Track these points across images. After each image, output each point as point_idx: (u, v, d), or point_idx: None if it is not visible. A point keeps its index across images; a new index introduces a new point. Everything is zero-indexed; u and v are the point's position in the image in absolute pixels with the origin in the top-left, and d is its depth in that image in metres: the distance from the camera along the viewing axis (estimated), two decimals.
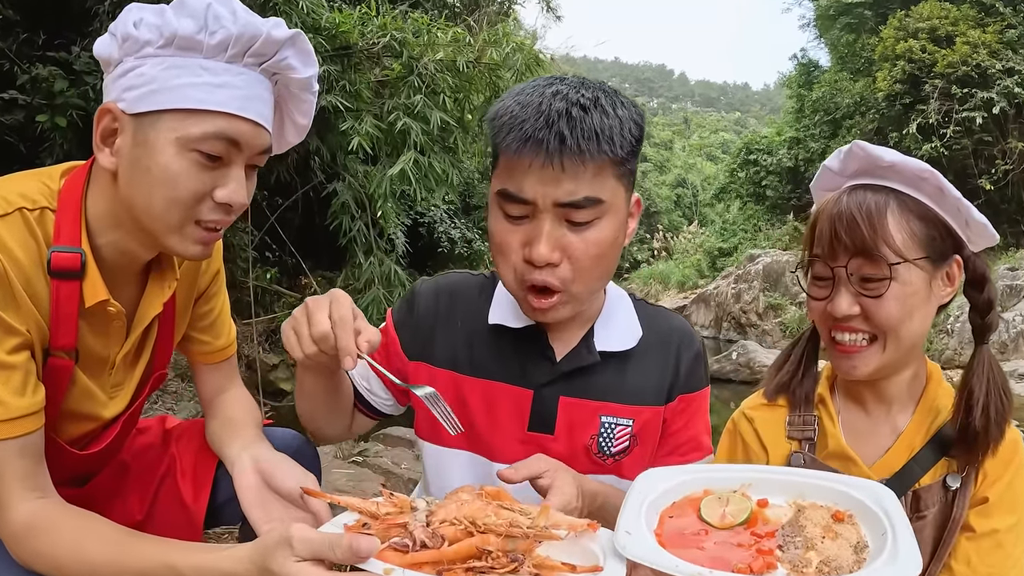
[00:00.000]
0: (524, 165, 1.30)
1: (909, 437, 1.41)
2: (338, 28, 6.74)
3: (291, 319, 1.27)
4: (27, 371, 1.22)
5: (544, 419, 1.53)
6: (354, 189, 7.38)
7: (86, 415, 1.42)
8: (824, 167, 1.46)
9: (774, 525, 1.12)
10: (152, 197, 1.22)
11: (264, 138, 1.29)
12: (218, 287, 1.65)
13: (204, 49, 1.20)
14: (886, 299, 1.31)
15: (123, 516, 1.56)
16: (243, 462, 1.41)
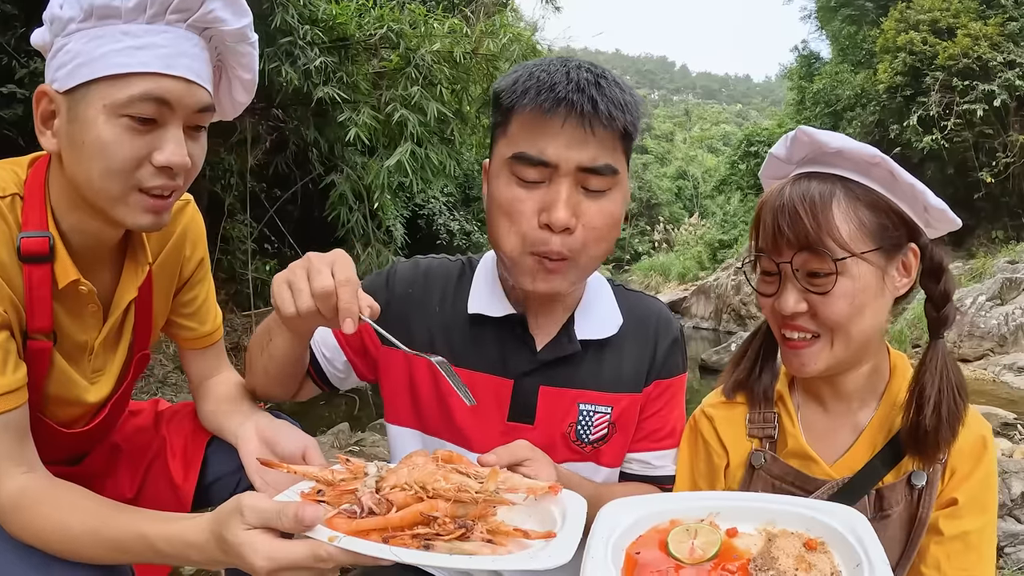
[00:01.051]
0: (554, 126, 1.29)
1: (871, 434, 1.36)
2: (335, 20, 6.75)
3: (287, 272, 1.21)
4: (6, 350, 1.24)
5: (524, 409, 1.51)
6: (352, 180, 7.39)
7: (70, 399, 1.45)
8: (771, 155, 1.40)
9: (745, 557, 1.07)
10: (90, 171, 1.22)
11: (199, 95, 1.26)
12: (202, 275, 1.66)
13: (123, 14, 1.19)
14: (833, 295, 1.24)
15: (114, 494, 1.58)
16: (247, 431, 1.45)
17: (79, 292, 1.35)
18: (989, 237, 16.60)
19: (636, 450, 1.60)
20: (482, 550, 0.99)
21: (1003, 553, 3.80)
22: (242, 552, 1.00)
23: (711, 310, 18.04)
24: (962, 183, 16.87)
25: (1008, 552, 3.79)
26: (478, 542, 1.00)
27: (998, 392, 9.61)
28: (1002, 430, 7.21)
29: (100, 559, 1.20)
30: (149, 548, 1.14)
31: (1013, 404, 8.57)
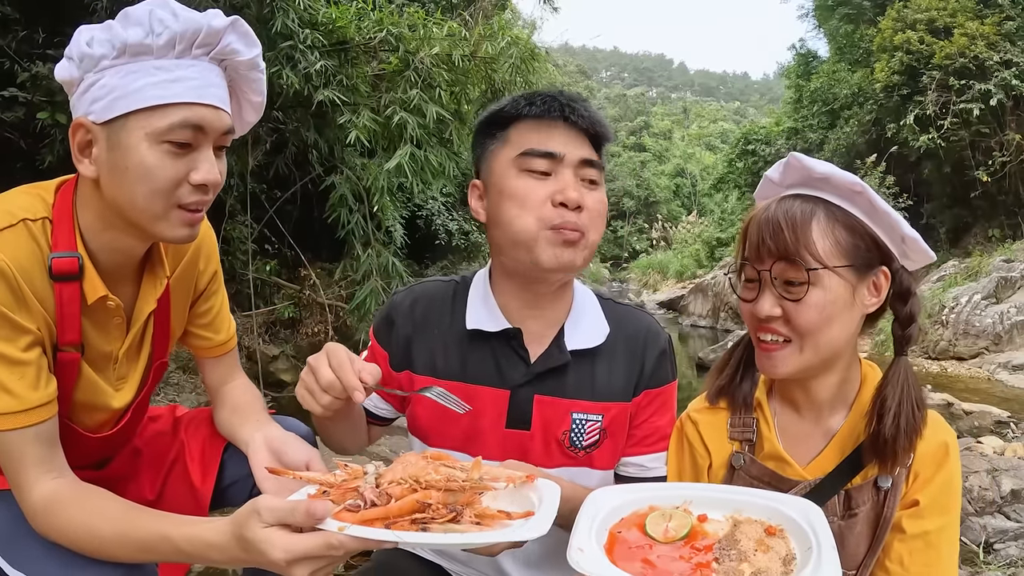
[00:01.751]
0: (557, 126, 1.56)
1: (841, 440, 1.45)
2: (335, 23, 6.80)
3: (300, 382, 1.42)
4: (39, 366, 1.35)
5: (521, 417, 1.63)
6: (352, 182, 7.44)
7: (97, 405, 1.55)
8: (765, 177, 1.50)
9: (712, 539, 1.21)
10: (135, 193, 1.33)
11: (225, 119, 1.40)
12: (216, 287, 1.77)
13: (154, 51, 1.31)
14: (805, 303, 1.34)
15: (136, 497, 1.67)
16: (256, 442, 1.57)
17: (106, 306, 1.46)
18: (985, 236, 16.67)
19: (631, 454, 1.71)
20: (472, 529, 1.14)
21: (992, 549, 3.88)
22: (261, 548, 1.10)
23: (708, 308, 18.11)
24: (959, 182, 16.94)
25: (997, 548, 3.88)
26: (467, 524, 1.14)
27: (992, 390, 9.69)
28: (995, 428, 7.30)
29: (126, 558, 1.30)
30: (173, 548, 1.24)
31: (1007, 402, 8.65)
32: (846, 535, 1.40)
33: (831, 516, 1.37)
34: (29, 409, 1.32)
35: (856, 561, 1.42)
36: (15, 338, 1.30)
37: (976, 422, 7.53)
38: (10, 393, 1.30)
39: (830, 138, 20.39)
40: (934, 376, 10.78)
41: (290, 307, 8.65)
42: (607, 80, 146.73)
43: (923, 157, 16.95)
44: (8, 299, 1.29)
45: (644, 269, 29.17)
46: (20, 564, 1.36)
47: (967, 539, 3.96)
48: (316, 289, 8.60)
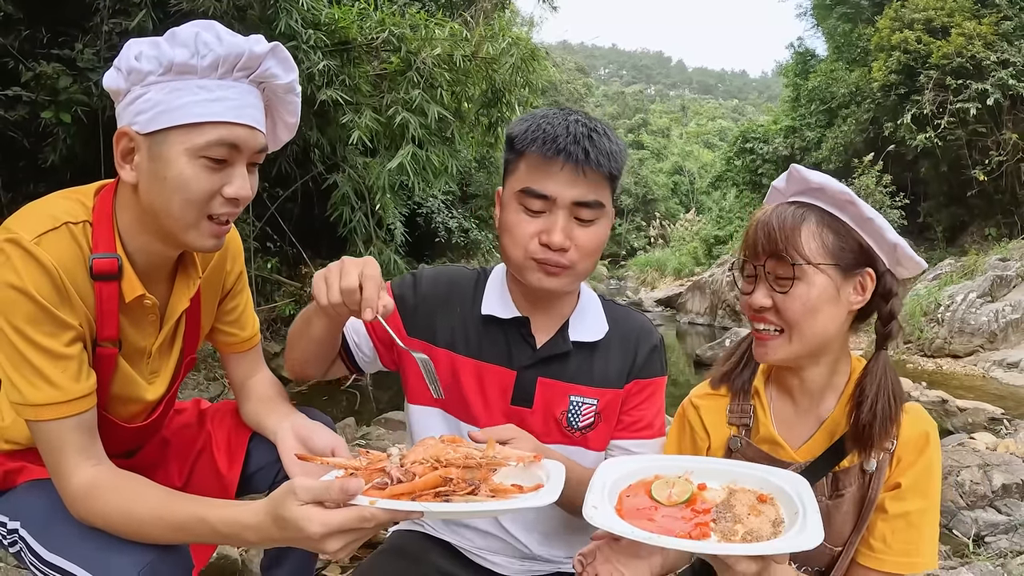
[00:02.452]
0: (554, 169, 1.63)
1: (831, 426, 1.58)
2: (337, 24, 6.85)
3: (325, 270, 1.49)
4: (81, 360, 1.44)
5: (524, 396, 1.79)
6: (354, 181, 7.50)
7: (131, 398, 1.65)
8: (773, 187, 1.64)
9: (710, 504, 1.37)
10: (171, 201, 1.42)
11: (259, 139, 1.48)
12: (241, 286, 1.86)
13: (198, 71, 1.40)
14: (791, 295, 1.49)
15: (164, 483, 1.77)
16: (284, 430, 1.67)
17: (143, 305, 1.55)
18: (982, 234, 16.76)
19: (617, 438, 1.86)
20: (489, 500, 1.26)
21: (983, 542, 3.96)
22: (299, 524, 1.18)
23: (706, 306, 18.18)
24: (956, 180, 17.00)
25: (988, 541, 3.96)
26: (484, 496, 1.27)
27: (987, 388, 9.77)
28: (989, 425, 7.38)
29: (162, 540, 1.38)
30: (209, 529, 1.32)
31: (1001, 399, 8.74)
32: (833, 514, 1.52)
33: (820, 496, 1.48)
34: (71, 400, 1.41)
35: (842, 538, 1.54)
36: (59, 333, 1.39)
37: (970, 419, 7.62)
38: (53, 385, 1.39)
39: (828, 136, 20.46)
40: (929, 373, 10.87)
41: (291, 304, 8.71)
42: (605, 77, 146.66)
43: (920, 156, 17.02)
44: (53, 297, 1.38)
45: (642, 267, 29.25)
46: (57, 548, 1.43)
47: (958, 532, 4.05)
48: None
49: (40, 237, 1.37)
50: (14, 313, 1.36)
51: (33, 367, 1.38)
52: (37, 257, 1.36)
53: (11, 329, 1.36)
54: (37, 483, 1.58)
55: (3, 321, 1.36)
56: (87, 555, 1.39)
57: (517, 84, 7.90)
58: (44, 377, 1.38)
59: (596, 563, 1.45)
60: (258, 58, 1.44)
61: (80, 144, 6.43)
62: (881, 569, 1.51)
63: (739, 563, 1.24)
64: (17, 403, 1.40)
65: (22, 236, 1.36)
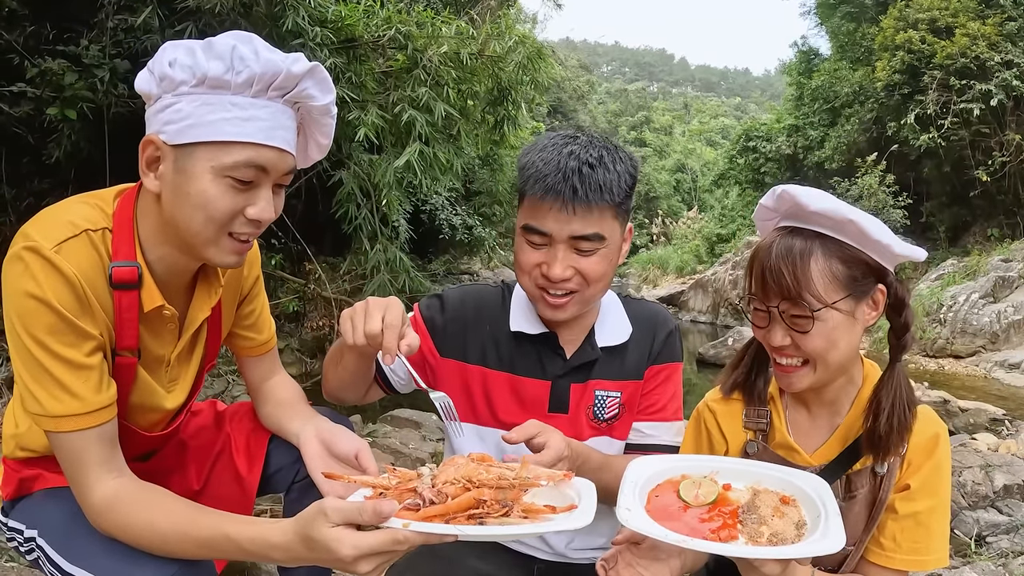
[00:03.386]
0: (546, 208, 1.68)
1: (844, 431, 1.62)
2: (344, 21, 6.85)
3: (351, 311, 1.53)
4: (101, 370, 1.41)
5: (560, 403, 1.88)
6: (359, 178, 7.50)
7: (151, 406, 1.63)
8: (761, 204, 1.63)
9: (735, 505, 1.41)
10: (192, 218, 1.39)
11: (288, 161, 1.45)
12: (258, 290, 1.84)
13: (232, 87, 1.36)
14: (811, 335, 1.49)
15: (182, 486, 1.79)
16: (307, 433, 1.68)
17: (162, 314, 1.52)
18: (984, 235, 16.76)
19: (634, 421, 1.94)
20: (524, 522, 1.25)
21: (984, 542, 3.99)
22: (330, 546, 1.17)
23: (708, 304, 18.19)
24: (958, 181, 17.01)
25: (989, 541, 3.99)
26: (516, 517, 1.26)
27: (989, 388, 9.79)
28: (990, 425, 7.39)
29: (186, 555, 1.36)
30: (234, 547, 1.30)
31: (1003, 400, 8.76)
32: (846, 515, 1.53)
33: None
34: (92, 411, 1.38)
35: (854, 538, 1.57)
36: (80, 343, 1.36)
37: (972, 419, 7.63)
38: (75, 396, 1.36)
39: (831, 136, 20.44)
40: (931, 374, 10.88)
41: (295, 301, 8.72)
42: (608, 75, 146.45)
43: (923, 156, 17.02)
44: (75, 306, 1.35)
45: (644, 264, 29.20)
46: (77, 560, 1.42)
47: (960, 532, 4.08)
48: (321, 283, 8.68)
49: (60, 245, 1.34)
50: (34, 324, 1.32)
51: (53, 378, 1.34)
52: (57, 266, 1.32)
53: (31, 340, 1.33)
54: (54, 491, 1.56)
55: (23, 332, 1.33)
56: (109, 566, 1.38)
57: (523, 82, 7.91)
58: (64, 388, 1.35)
59: (618, 567, 1.48)
60: (295, 78, 1.40)
61: (85, 140, 6.43)
62: (890, 566, 1.55)
63: (765, 565, 1.29)
64: (36, 414, 1.37)
65: (42, 244, 1.32)
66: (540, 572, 1.94)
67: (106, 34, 6.51)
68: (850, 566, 1.59)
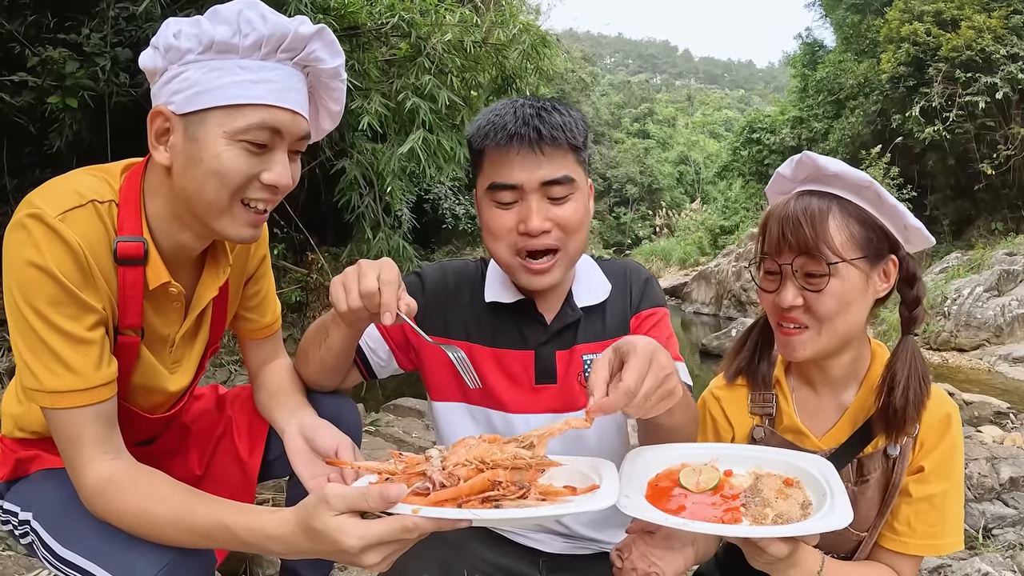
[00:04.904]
0: (512, 156, 1.61)
1: (853, 413, 1.59)
2: (347, 8, 6.82)
3: (342, 276, 1.46)
4: (103, 346, 1.37)
5: (546, 372, 1.79)
6: (362, 166, 7.47)
7: (153, 388, 1.59)
8: (777, 173, 1.61)
9: (738, 489, 1.38)
10: (205, 185, 1.35)
11: (302, 124, 1.42)
12: (264, 269, 1.80)
13: (240, 50, 1.33)
14: (825, 293, 1.46)
15: (183, 470, 1.76)
16: (291, 428, 1.63)
17: (167, 292, 1.48)
18: (988, 228, 16.71)
19: None
20: (542, 504, 1.18)
21: (991, 535, 3.97)
22: (333, 536, 1.09)
23: (711, 296, 18.16)
24: (963, 174, 16.95)
25: (995, 534, 3.96)
26: (534, 500, 1.18)
27: (992, 382, 9.77)
28: (995, 419, 7.36)
29: (182, 543, 1.31)
30: (232, 537, 1.24)
31: (1007, 394, 8.73)
32: (859, 499, 1.53)
33: (845, 482, 1.47)
34: (91, 388, 1.34)
35: (867, 523, 1.55)
36: (81, 316, 1.32)
37: (976, 412, 7.61)
38: (73, 371, 1.32)
39: (835, 128, 20.39)
40: (935, 367, 10.86)
41: (297, 291, 8.70)
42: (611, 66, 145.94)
43: (928, 149, 16.96)
44: (77, 278, 1.31)
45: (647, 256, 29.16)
46: (71, 543, 1.38)
47: (967, 524, 4.05)
48: (324, 273, 8.65)
49: (65, 214, 1.30)
50: (35, 294, 1.28)
51: (52, 351, 1.30)
52: (61, 234, 1.28)
53: (31, 311, 1.29)
54: (51, 473, 1.52)
55: (23, 302, 1.29)
56: (103, 552, 1.34)
57: (527, 71, 7.87)
58: (63, 362, 1.31)
59: (632, 557, 1.46)
60: (303, 39, 1.38)
61: (87, 130, 6.40)
62: (905, 552, 1.53)
63: (771, 545, 1.24)
64: (33, 389, 1.32)
65: (46, 212, 1.28)
66: (546, 564, 1.88)
67: (107, 23, 6.48)
68: (864, 553, 1.56)
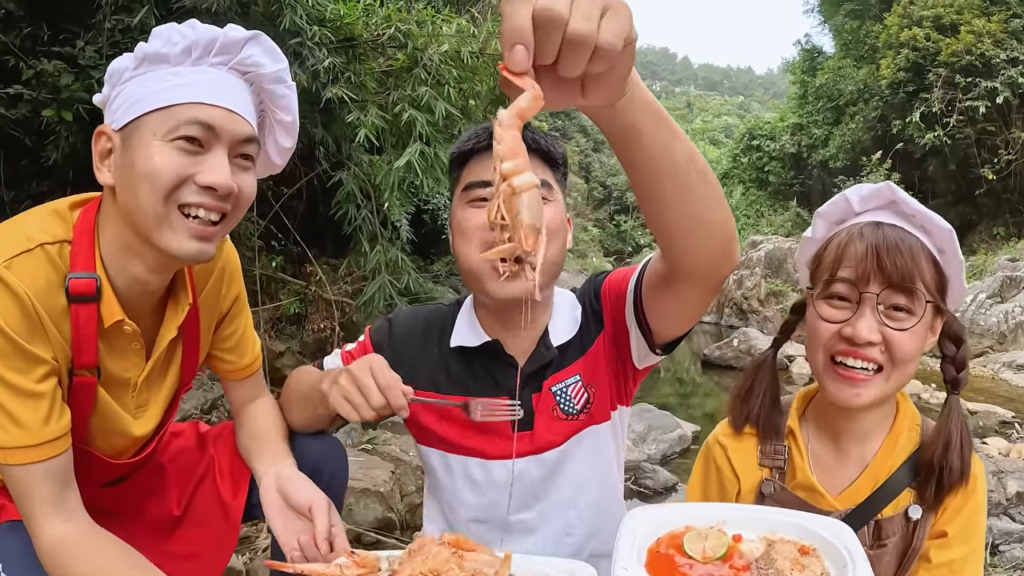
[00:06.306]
0: (483, 159, 1.58)
1: (874, 469, 1.47)
2: (343, 20, 6.77)
3: (340, 389, 1.43)
4: (53, 398, 1.33)
5: (524, 420, 1.67)
6: (359, 179, 7.43)
7: (115, 431, 1.53)
8: (843, 196, 1.47)
9: (749, 558, 1.24)
10: (139, 191, 1.30)
11: (240, 124, 1.36)
12: (239, 309, 1.74)
13: (171, 59, 1.34)
14: (911, 333, 1.33)
15: (160, 510, 1.70)
16: (268, 480, 1.58)
17: (123, 331, 1.43)
18: (990, 234, 16.67)
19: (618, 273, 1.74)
20: None
21: (997, 551, 3.90)
22: None
23: (713, 304, 17.97)
24: (964, 179, 16.94)
25: (1002, 550, 3.89)
26: None
27: (996, 390, 9.67)
28: (1000, 428, 7.29)
29: None
30: None
31: (1011, 402, 8.64)
32: (875, 565, 1.39)
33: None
34: (40, 444, 1.29)
35: None
36: (29, 369, 1.28)
37: (981, 422, 7.53)
38: (22, 426, 1.27)
39: (835, 134, 20.39)
40: (938, 375, 10.67)
41: (296, 303, 8.64)
42: None
43: (928, 154, 16.95)
44: (23, 328, 1.27)
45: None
46: None
47: None
48: (322, 285, 8.59)
49: (11, 260, 1.26)
50: None
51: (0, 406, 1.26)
52: (7, 283, 1.25)
53: None
54: (17, 524, 1.45)
55: None
56: None
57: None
58: (11, 417, 1.27)
59: None
60: (235, 43, 1.37)
61: (82, 142, 6.36)
62: None
63: None
64: None
65: None
66: None
67: (103, 35, 6.44)
68: None
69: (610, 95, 0.97)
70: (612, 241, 43.40)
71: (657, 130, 1.10)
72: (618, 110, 1.03)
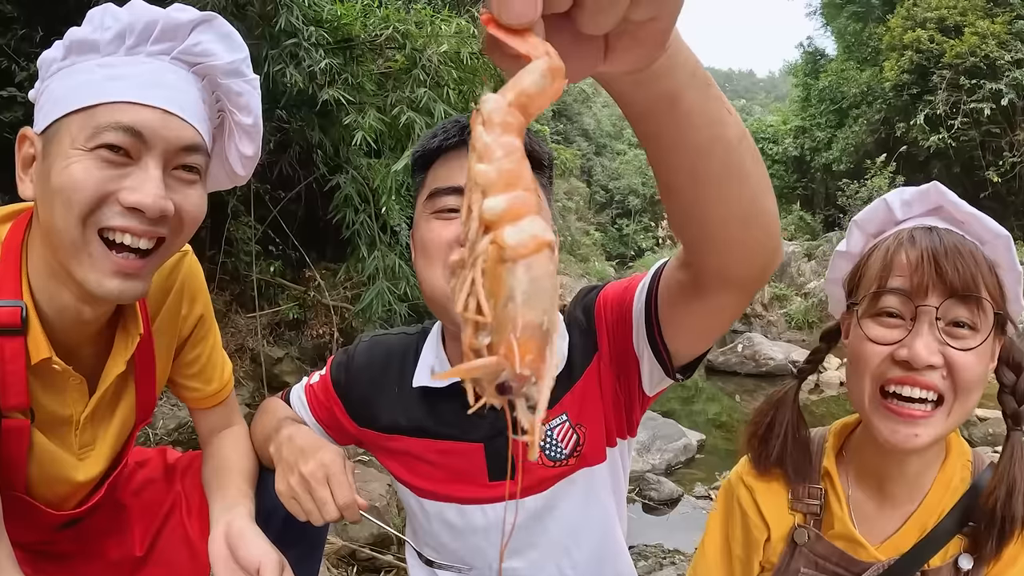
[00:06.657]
0: (460, 157, 1.33)
1: (922, 516, 1.28)
2: (340, 20, 6.69)
3: (292, 493, 1.28)
4: None
5: (502, 468, 1.46)
6: (357, 182, 7.33)
7: (56, 478, 1.33)
8: (883, 201, 1.28)
9: None
10: (54, 208, 1.08)
11: (180, 130, 1.12)
12: (204, 332, 1.53)
13: (101, 47, 1.11)
14: (976, 353, 1.12)
15: (121, 551, 1.52)
16: (217, 530, 1.34)
17: (52, 369, 1.22)
18: None
19: None
20: None
21: None
22: None
23: None
24: (969, 182, 16.83)
25: None
26: None
27: None
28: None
29: None
30: None
31: None
32: None
33: None
34: None
35: None
36: None
37: (991, 429, 7.39)
38: None
39: (838, 137, 20.31)
40: None
41: (295, 308, 8.53)
42: None
43: (933, 157, 16.86)
44: None
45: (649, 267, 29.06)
46: None
47: None
48: (321, 290, 8.49)
49: None
50: None
51: None
52: None
53: None
54: None
55: None
56: None
57: None
58: None
59: None
60: (179, 28, 1.12)
61: None
62: None
63: None
64: None
65: None
66: None
67: None
68: None
69: (646, 55, 0.63)
70: (614, 245, 43.34)
71: (704, 101, 0.80)
72: (652, 76, 0.70)
